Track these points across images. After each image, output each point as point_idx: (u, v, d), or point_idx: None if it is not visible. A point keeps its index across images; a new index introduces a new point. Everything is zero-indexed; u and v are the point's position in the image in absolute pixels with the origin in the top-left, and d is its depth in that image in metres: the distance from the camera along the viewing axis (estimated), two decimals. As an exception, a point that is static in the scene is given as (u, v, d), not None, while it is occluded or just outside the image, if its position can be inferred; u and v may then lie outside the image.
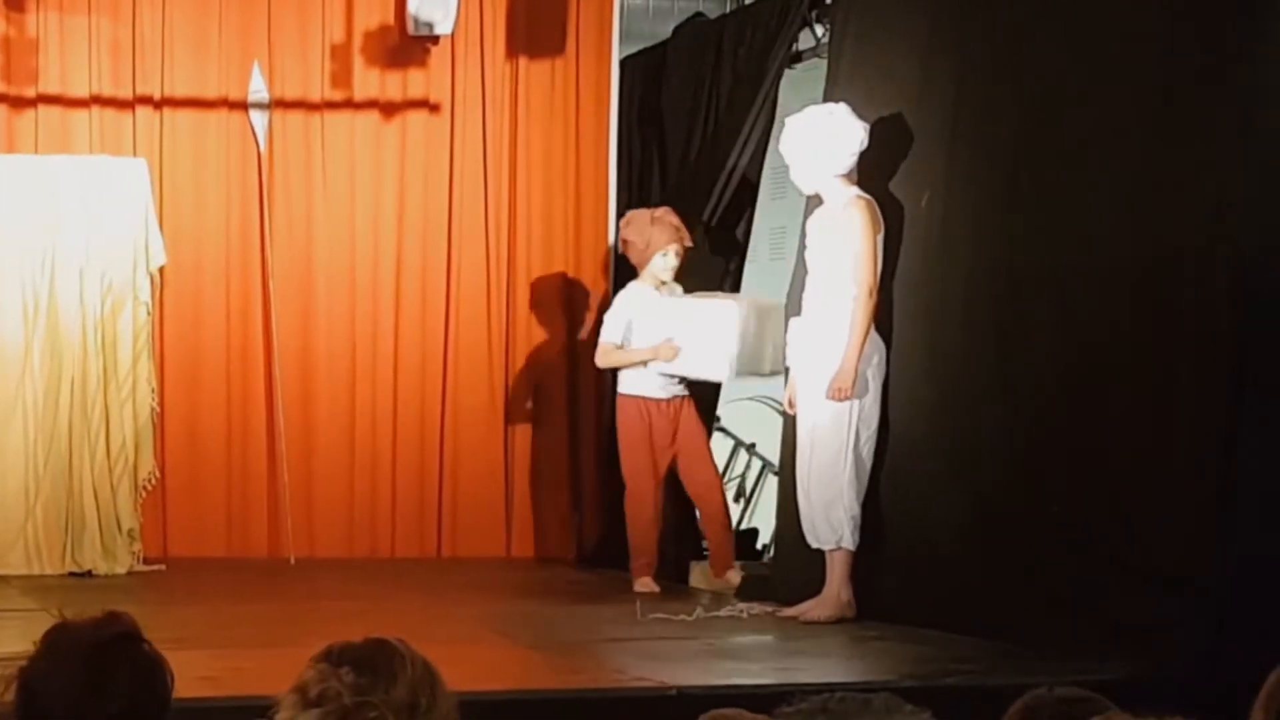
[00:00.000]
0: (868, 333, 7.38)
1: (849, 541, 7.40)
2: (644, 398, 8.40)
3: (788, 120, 7.80)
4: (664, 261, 8.36)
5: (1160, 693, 5.46)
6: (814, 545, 7.49)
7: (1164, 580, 6.16)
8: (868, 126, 7.48)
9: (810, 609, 7.42)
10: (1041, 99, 6.97)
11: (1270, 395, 6.03)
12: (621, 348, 8.46)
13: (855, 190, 7.50)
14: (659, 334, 8.24)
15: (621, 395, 8.51)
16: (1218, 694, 5.25)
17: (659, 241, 8.33)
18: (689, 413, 8.46)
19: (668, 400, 8.40)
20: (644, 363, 8.34)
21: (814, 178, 7.58)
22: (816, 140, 7.49)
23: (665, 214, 8.48)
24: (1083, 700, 2.67)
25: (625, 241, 8.51)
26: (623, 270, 9.97)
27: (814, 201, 7.78)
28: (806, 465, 7.52)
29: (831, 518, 7.40)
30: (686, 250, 8.45)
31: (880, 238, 7.43)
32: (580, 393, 9.97)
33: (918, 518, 7.34)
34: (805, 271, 7.68)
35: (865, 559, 7.44)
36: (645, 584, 8.38)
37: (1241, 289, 6.10)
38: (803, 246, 7.77)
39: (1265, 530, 5.97)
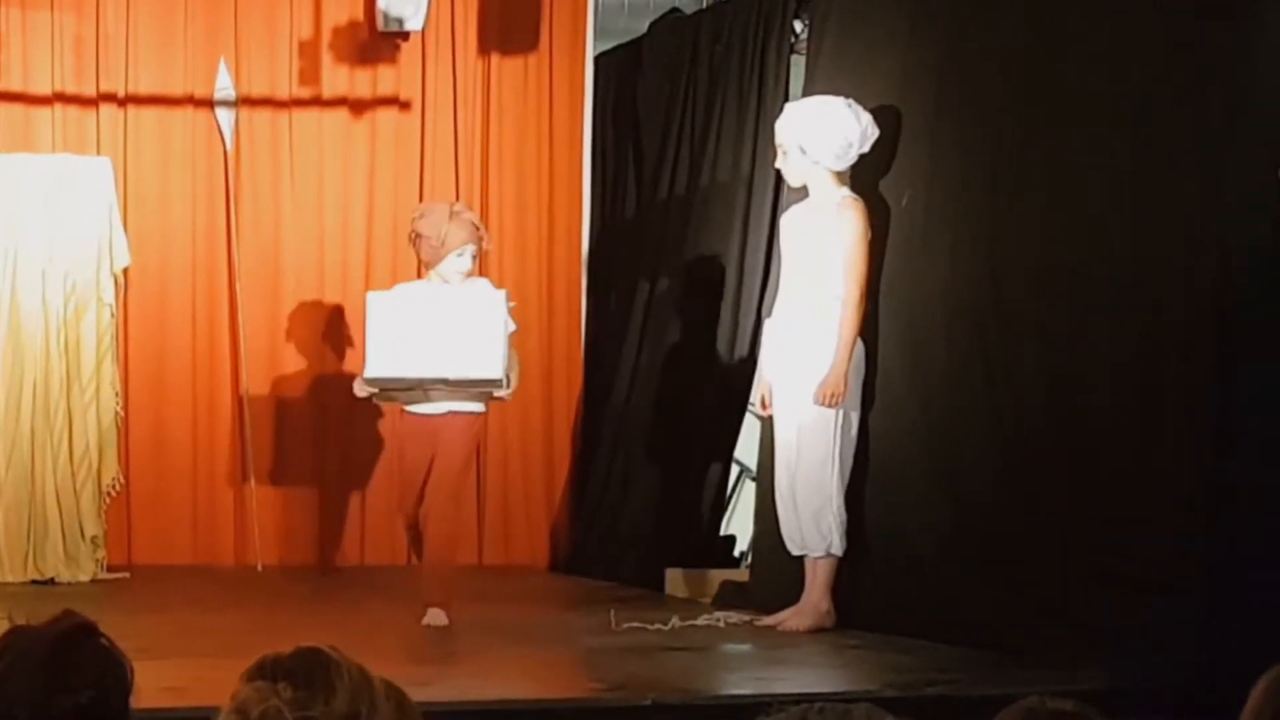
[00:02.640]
0: (857, 337, 7.26)
1: (838, 548, 7.30)
2: (415, 412, 7.47)
3: (789, 106, 7.66)
4: (458, 263, 7.52)
5: (1146, 702, 5.45)
6: (798, 553, 7.40)
7: (1149, 589, 6.09)
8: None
9: (789, 618, 7.32)
10: (1025, 98, 6.90)
11: (1257, 402, 5.97)
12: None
13: (847, 190, 7.37)
14: (416, 333, 7.31)
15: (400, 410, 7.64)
16: (1203, 703, 5.22)
17: (455, 239, 7.50)
18: (457, 430, 7.43)
19: (440, 416, 7.42)
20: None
21: (809, 171, 7.41)
22: (823, 131, 7.31)
23: (464, 210, 7.82)
24: (1077, 715, 2.57)
25: (417, 235, 7.52)
26: (597, 269, 9.90)
27: (791, 197, 7.67)
28: (790, 472, 7.40)
29: (821, 524, 7.30)
30: (484, 252, 7.85)
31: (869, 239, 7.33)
32: (555, 397, 9.86)
33: (900, 525, 7.28)
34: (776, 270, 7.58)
35: (846, 567, 7.36)
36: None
37: (1229, 295, 6.03)
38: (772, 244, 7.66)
39: (1251, 538, 5.91)
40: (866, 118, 7.33)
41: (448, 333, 7.26)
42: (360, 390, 7.51)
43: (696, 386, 8.89)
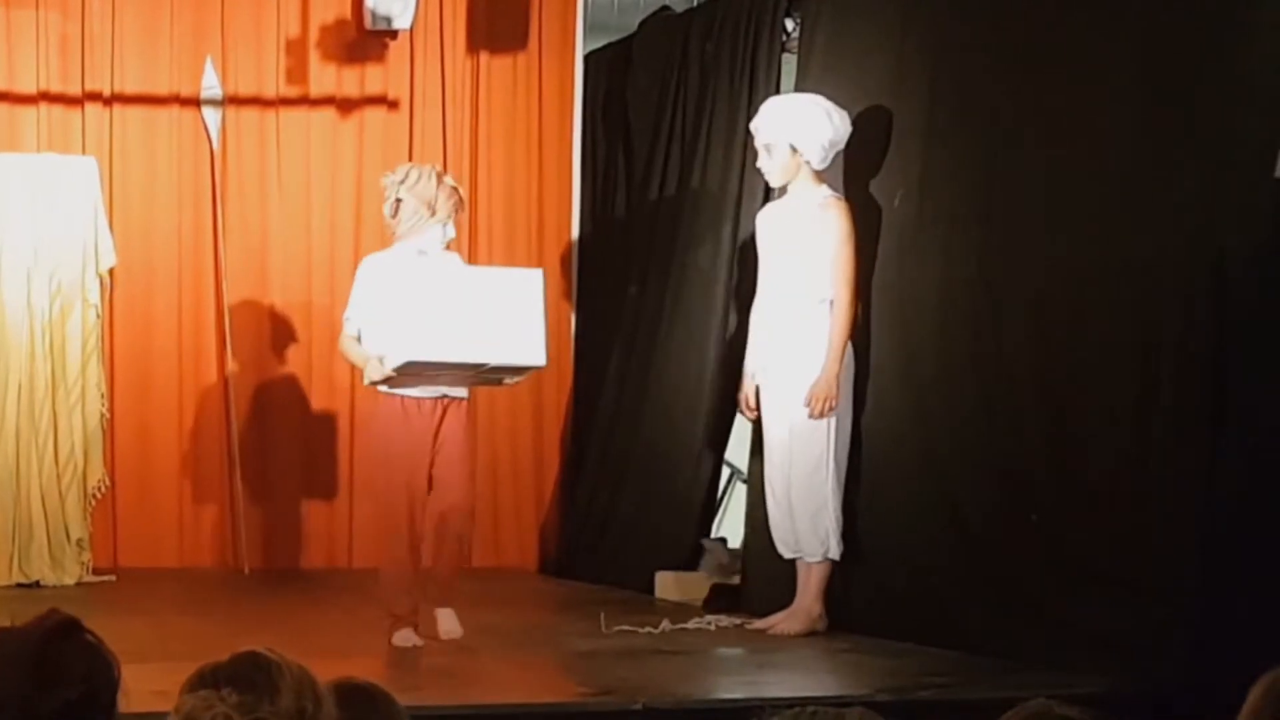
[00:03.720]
0: (848, 340, 7.21)
1: (835, 551, 7.27)
2: (404, 396, 6.85)
3: (766, 105, 7.61)
4: (443, 233, 6.91)
5: (1140, 705, 5.42)
6: (791, 556, 7.36)
7: (1143, 592, 6.06)
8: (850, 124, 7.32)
9: (781, 622, 7.29)
10: (1019, 96, 6.87)
11: (1251, 406, 5.94)
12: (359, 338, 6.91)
13: (828, 189, 7.33)
14: (451, 314, 6.64)
15: (381, 394, 6.94)
16: (1197, 707, 5.18)
17: (445, 210, 6.90)
18: (455, 417, 6.90)
19: (433, 401, 6.89)
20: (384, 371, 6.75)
21: (794, 169, 7.35)
22: (813, 129, 7.26)
23: (445, 174, 7.21)
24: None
25: (400, 202, 6.92)
26: (587, 269, 9.85)
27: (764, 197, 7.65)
28: (784, 476, 7.35)
29: (818, 528, 7.27)
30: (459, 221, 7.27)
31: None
32: (544, 397, 9.82)
33: (892, 528, 7.25)
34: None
35: (838, 570, 7.33)
36: (405, 636, 6.83)
37: (1224, 295, 6.00)
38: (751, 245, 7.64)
39: (1245, 541, 5.87)
40: (843, 114, 7.31)
41: (485, 314, 6.62)
42: (377, 374, 6.77)
43: (687, 387, 8.84)
